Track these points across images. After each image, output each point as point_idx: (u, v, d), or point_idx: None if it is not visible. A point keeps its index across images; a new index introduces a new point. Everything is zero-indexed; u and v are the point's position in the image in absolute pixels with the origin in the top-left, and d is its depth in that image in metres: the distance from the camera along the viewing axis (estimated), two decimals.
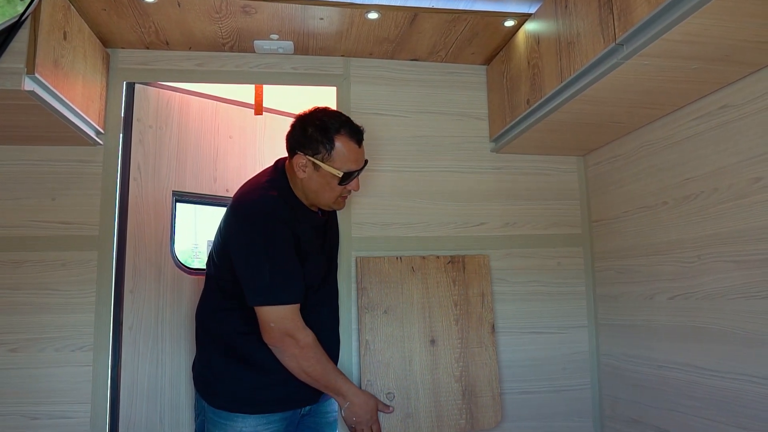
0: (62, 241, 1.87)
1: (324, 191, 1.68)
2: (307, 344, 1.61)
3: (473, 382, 1.93)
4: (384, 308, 1.94)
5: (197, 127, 2.21)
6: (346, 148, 1.65)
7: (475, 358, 1.95)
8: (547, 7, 1.69)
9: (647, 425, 1.82)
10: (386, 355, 1.91)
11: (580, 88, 1.53)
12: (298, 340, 1.59)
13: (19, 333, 1.81)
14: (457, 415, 1.90)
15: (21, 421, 1.77)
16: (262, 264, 1.59)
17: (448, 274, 2.00)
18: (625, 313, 1.94)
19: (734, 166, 1.47)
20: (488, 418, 1.92)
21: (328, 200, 1.70)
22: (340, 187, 1.68)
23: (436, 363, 1.93)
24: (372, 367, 1.90)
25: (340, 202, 1.74)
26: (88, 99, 1.78)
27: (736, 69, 1.39)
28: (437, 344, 1.94)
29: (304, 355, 1.61)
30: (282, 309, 1.59)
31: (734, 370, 1.47)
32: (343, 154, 1.65)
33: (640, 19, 1.24)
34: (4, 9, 1.41)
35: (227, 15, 1.77)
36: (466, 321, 1.97)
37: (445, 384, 1.92)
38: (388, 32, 1.92)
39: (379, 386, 1.89)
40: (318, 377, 1.64)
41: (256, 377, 1.67)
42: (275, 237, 1.60)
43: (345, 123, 1.67)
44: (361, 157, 1.70)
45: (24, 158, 1.89)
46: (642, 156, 1.85)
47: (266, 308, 1.59)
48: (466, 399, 1.92)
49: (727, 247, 1.50)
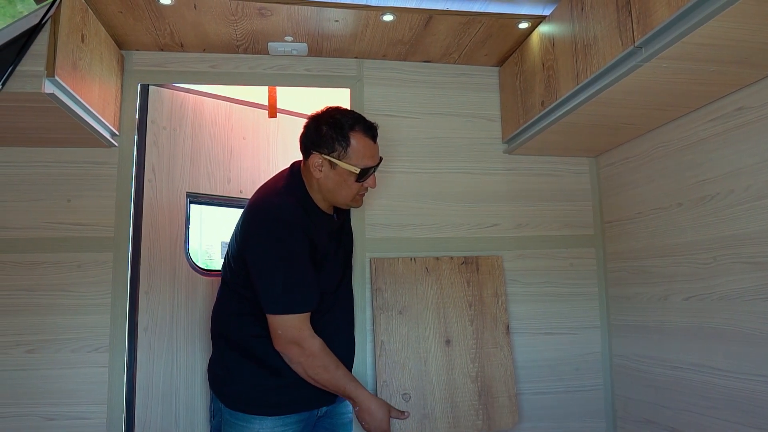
0: (78, 242, 1.88)
1: (341, 189, 1.68)
2: (313, 353, 1.60)
3: (489, 382, 1.94)
4: (399, 309, 1.95)
5: (211, 129, 2.22)
6: (361, 144, 1.65)
7: (490, 359, 1.95)
8: (563, 9, 1.69)
9: (660, 426, 1.82)
10: (401, 356, 1.92)
11: (596, 91, 1.53)
12: (304, 348, 1.59)
13: (35, 334, 1.82)
14: (474, 416, 1.91)
15: (38, 422, 1.78)
16: (275, 272, 1.60)
17: (462, 275, 2.00)
18: (638, 313, 1.94)
19: (751, 167, 1.48)
20: (505, 418, 1.92)
21: (345, 198, 1.70)
22: (358, 185, 1.68)
23: (452, 363, 1.93)
24: (387, 368, 1.90)
25: (358, 199, 1.73)
26: (104, 101, 1.79)
27: (754, 71, 1.40)
28: (452, 345, 1.95)
29: (309, 363, 1.61)
30: (290, 318, 1.59)
31: (749, 371, 1.48)
32: (358, 150, 1.65)
33: (660, 22, 1.24)
34: (5, 9, 1.41)
35: (243, 17, 1.78)
36: (480, 321, 1.97)
37: (461, 384, 1.92)
38: (403, 34, 1.92)
39: (394, 387, 1.89)
40: (325, 383, 1.64)
41: (273, 379, 1.68)
42: (291, 245, 1.60)
43: (359, 120, 1.68)
44: (376, 153, 1.70)
45: (40, 160, 1.90)
46: (656, 157, 1.85)
47: (276, 316, 1.60)
48: (483, 400, 1.92)
49: (743, 248, 1.50)
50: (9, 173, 1.88)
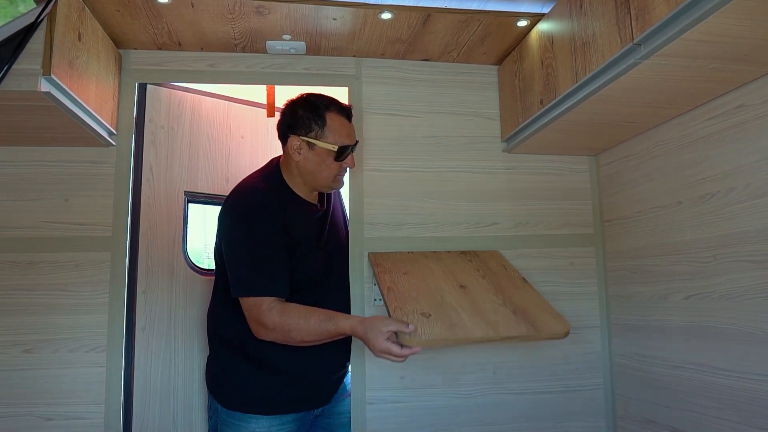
0: (75, 241, 1.88)
1: (321, 170, 1.71)
2: (275, 324, 1.56)
3: (522, 306, 1.69)
4: (403, 271, 1.84)
5: (209, 128, 2.22)
6: (337, 123, 1.70)
7: (515, 293, 1.77)
8: (562, 7, 1.68)
9: (661, 425, 1.81)
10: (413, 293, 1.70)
11: (595, 88, 1.52)
12: (266, 324, 1.57)
13: (33, 334, 1.81)
14: (515, 323, 1.61)
15: (36, 422, 1.77)
16: (242, 255, 1.62)
17: (463, 258, 1.97)
18: (638, 313, 1.93)
19: (751, 165, 1.47)
20: (554, 327, 1.62)
21: (326, 179, 1.73)
22: (337, 164, 1.71)
23: (473, 299, 1.71)
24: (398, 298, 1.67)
25: (339, 180, 1.76)
26: (101, 100, 1.78)
27: (754, 68, 1.38)
28: (468, 289, 1.77)
29: (280, 335, 1.57)
30: (254, 299, 1.59)
31: (751, 371, 1.47)
32: (335, 129, 1.69)
33: (659, 19, 1.23)
34: (6, 9, 1.41)
35: (240, 16, 1.77)
36: (493, 277, 1.85)
37: (489, 307, 1.67)
38: (401, 32, 1.91)
39: (409, 309, 1.61)
40: (311, 340, 1.57)
41: (268, 378, 1.68)
42: (257, 229, 1.62)
43: (333, 101, 1.73)
44: (352, 132, 1.74)
45: (37, 159, 1.89)
46: (656, 156, 1.84)
47: (243, 299, 1.60)
48: (519, 316, 1.64)
49: (744, 246, 1.49)
50: (6, 172, 1.88)
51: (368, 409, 1.90)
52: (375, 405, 1.91)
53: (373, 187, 2.03)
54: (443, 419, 1.95)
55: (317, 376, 1.75)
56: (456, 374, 1.98)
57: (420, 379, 1.96)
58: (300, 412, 1.72)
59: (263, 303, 1.58)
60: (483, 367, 2.01)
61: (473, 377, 1.99)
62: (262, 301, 1.58)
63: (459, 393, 1.98)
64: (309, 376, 1.72)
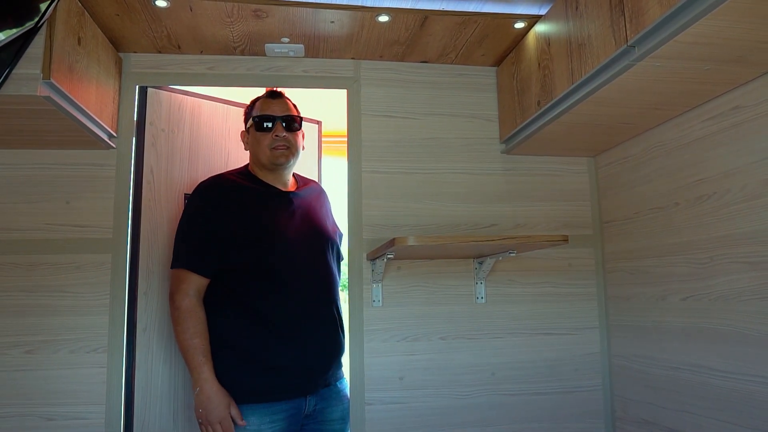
0: (76, 244, 1.89)
1: (255, 147, 1.87)
2: (178, 307, 1.69)
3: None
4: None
5: (209, 130, 2.23)
6: (259, 104, 1.90)
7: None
8: (558, 9, 1.69)
9: (659, 426, 1.82)
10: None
11: (591, 90, 1.53)
12: (175, 300, 1.70)
13: (34, 335, 1.83)
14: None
15: (38, 422, 1.79)
16: (178, 232, 1.80)
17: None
18: (637, 314, 1.93)
19: (747, 167, 1.47)
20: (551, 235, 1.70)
21: (264, 154, 1.86)
22: (264, 135, 1.84)
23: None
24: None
25: (276, 154, 1.85)
26: (101, 103, 1.80)
27: (749, 70, 1.39)
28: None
29: (174, 318, 1.69)
30: (174, 272, 1.74)
31: (747, 372, 1.47)
32: (256, 107, 1.90)
33: (652, 21, 1.24)
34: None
35: (239, 19, 1.79)
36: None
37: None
38: (399, 35, 1.92)
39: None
40: (180, 346, 1.68)
41: (253, 366, 1.71)
42: (195, 209, 1.79)
43: (264, 93, 1.94)
44: (272, 106, 1.88)
45: (38, 162, 1.91)
46: (653, 157, 1.84)
47: (171, 271, 1.76)
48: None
49: (740, 248, 1.49)
50: (8, 175, 1.90)
51: (367, 410, 1.91)
52: (374, 406, 1.92)
53: (371, 189, 2.04)
54: (442, 420, 1.96)
55: (304, 364, 1.75)
56: (455, 375, 1.99)
57: (419, 380, 1.97)
58: (289, 400, 1.72)
59: (185, 281, 1.71)
60: (481, 368, 2.01)
61: (472, 378, 2.00)
62: (187, 278, 1.71)
63: (458, 394, 1.98)
64: (296, 363, 1.73)
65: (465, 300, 2.05)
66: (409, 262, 2.02)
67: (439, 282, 2.04)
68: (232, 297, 1.74)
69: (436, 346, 2.00)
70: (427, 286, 2.03)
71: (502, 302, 2.07)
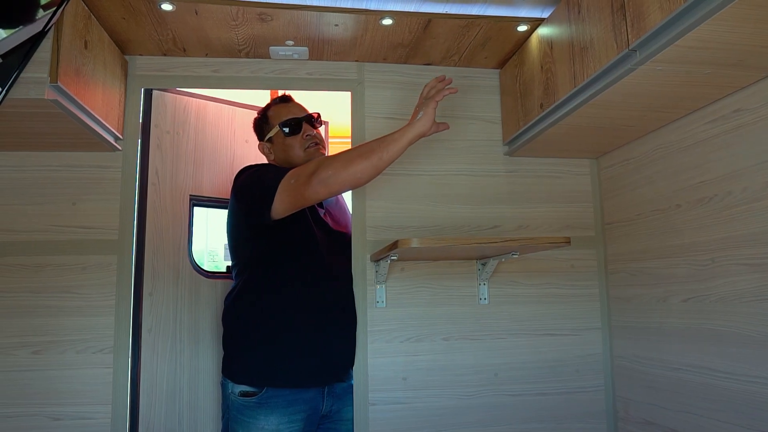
0: (83, 245, 1.91)
1: (288, 152, 1.90)
2: (321, 161, 1.58)
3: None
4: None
5: (214, 132, 2.24)
6: (275, 111, 1.95)
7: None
8: (560, 12, 1.70)
9: (660, 427, 1.83)
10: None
11: (593, 93, 1.54)
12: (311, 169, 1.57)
13: (41, 335, 1.85)
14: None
15: (44, 422, 1.81)
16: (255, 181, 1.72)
17: None
18: (639, 315, 1.94)
19: (748, 169, 1.48)
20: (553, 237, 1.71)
21: (299, 156, 1.89)
22: (296, 139, 1.90)
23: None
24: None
25: (311, 152, 1.90)
26: (107, 106, 1.81)
27: (750, 73, 1.40)
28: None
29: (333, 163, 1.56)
30: (285, 182, 1.62)
31: (749, 373, 1.48)
32: (274, 115, 1.94)
33: (654, 26, 1.25)
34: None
35: (244, 22, 1.80)
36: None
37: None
38: (402, 38, 1.94)
39: None
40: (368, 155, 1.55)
41: (280, 351, 1.76)
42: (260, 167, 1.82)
43: (273, 100, 2.00)
44: (292, 109, 1.94)
45: (45, 164, 1.93)
46: (655, 159, 1.85)
47: (283, 184, 1.61)
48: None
49: (741, 250, 1.50)
50: (16, 177, 1.92)
51: (371, 410, 1.92)
52: (377, 406, 1.93)
53: (375, 190, 2.05)
54: (445, 420, 1.97)
55: (331, 353, 1.83)
56: (458, 375, 2.00)
57: (422, 380, 1.98)
58: (310, 387, 1.76)
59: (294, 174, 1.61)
60: (484, 369, 2.02)
61: (475, 378, 2.01)
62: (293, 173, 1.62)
63: (461, 394, 2.00)
64: (320, 351, 1.79)
65: (468, 301, 2.06)
66: (412, 263, 2.04)
67: (443, 283, 2.05)
68: (270, 284, 1.79)
69: (439, 347, 2.01)
70: (430, 287, 2.04)
71: (504, 303, 2.08)
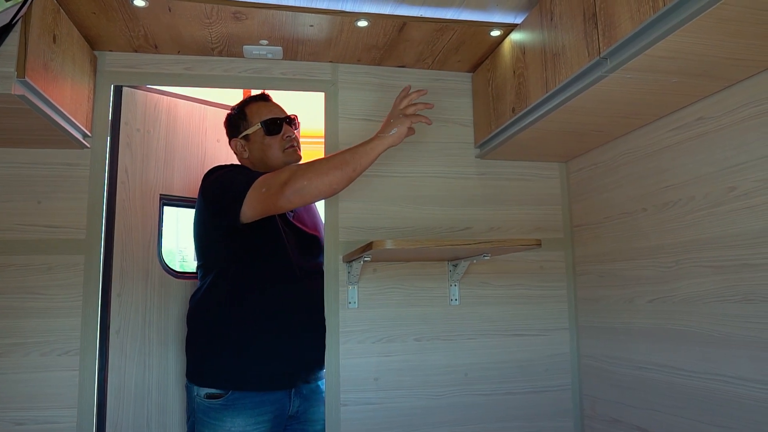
0: (48, 244, 1.86)
1: (266, 152, 1.87)
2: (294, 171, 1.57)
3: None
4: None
5: (185, 131, 2.21)
6: (254, 108, 1.91)
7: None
8: (533, 18, 1.73)
9: (626, 424, 1.88)
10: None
11: (564, 99, 1.57)
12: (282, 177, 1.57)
13: (3, 337, 1.79)
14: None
15: (7, 427, 1.75)
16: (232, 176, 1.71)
17: None
18: (606, 315, 1.99)
19: (710, 175, 1.54)
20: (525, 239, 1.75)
21: (277, 157, 1.87)
22: (275, 139, 1.86)
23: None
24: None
25: (289, 153, 1.88)
26: (76, 102, 1.77)
27: (714, 83, 1.45)
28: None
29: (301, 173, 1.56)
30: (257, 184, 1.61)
31: (710, 371, 1.54)
32: (253, 113, 1.90)
33: (624, 35, 1.29)
34: None
35: (218, 20, 1.79)
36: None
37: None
38: (377, 40, 1.95)
39: None
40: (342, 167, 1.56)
41: (245, 353, 1.76)
42: (232, 167, 1.81)
43: (250, 97, 1.95)
44: (273, 109, 1.92)
45: (10, 161, 1.88)
46: (622, 164, 1.91)
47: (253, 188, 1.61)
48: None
49: (704, 252, 1.56)
50: None
51: (342, 411, 1.92)
52: (349, 407, 1.94)
53: (347, 192, 2.05)
54: (416, 420, 1.99)
55: (299, 356, 1.83)
56: (429, 376, 2.02)
57: (394, 380, 1.99)
58: (276, 391, 1.75)
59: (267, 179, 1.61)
60: (455, 369, 2.05)
61: (445, 379, 2.03)
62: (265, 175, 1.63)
63: (432, 394, 2.01)
64: (287, 354, 1.79)
65: (439, 302, 2.08)
66: (385, 264, 2.05)
67: (414, 284, 2.07)
68: (238, 286, 1.76)
69: (410, 347, 2.03)
70: (402, 288, 2.06)
71: (475, 304, 2.11)
